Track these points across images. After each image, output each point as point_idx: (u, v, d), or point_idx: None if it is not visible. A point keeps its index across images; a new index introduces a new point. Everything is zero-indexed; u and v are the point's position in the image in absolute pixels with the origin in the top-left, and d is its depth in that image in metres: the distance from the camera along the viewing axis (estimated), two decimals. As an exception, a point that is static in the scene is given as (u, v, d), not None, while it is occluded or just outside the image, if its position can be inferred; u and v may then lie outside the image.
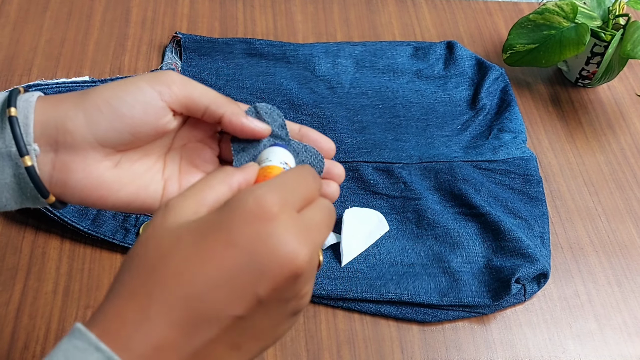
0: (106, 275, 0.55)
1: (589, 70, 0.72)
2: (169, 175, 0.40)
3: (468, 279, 0.56)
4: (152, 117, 0.36)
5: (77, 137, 0.36)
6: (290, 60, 0.72)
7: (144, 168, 0.39)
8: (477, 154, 0.65)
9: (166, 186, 0.39)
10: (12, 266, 0.55)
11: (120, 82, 0.37)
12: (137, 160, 0.39)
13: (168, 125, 0.38)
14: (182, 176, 0.40)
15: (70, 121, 0.36)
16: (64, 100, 0.37)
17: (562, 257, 0.61)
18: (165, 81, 0.37)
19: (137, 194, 0.38)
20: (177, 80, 0.37)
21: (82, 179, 0.36)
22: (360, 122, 0.68)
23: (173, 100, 0.37)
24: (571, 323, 0.56)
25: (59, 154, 0.36)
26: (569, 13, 0.68)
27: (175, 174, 0.40)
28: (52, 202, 0.37)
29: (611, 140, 0.71)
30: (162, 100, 0.36)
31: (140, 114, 0.36)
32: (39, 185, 0.36)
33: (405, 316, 0.55)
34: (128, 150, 0.38)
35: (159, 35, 0.74)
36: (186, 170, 0.40)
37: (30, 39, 0.72)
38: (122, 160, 0.38)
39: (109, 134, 0.36)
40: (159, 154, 0.40)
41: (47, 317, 0.52)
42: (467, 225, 0.60)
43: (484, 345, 0.54)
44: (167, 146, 0.40)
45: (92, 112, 0.36)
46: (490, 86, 0.71)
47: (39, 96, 0.37)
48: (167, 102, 0.37)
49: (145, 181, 0.39)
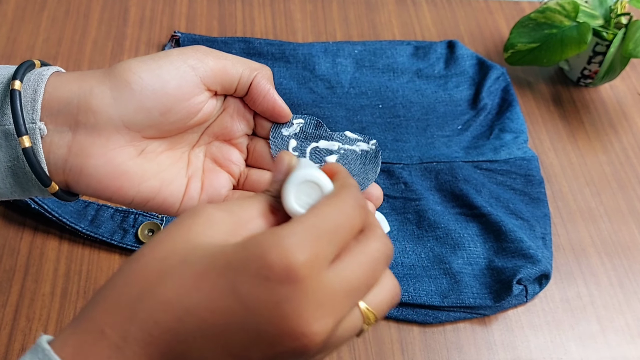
0: (104, 276, 0.55)
1: (591, 69, 0.72)
2: (193, 172, 0.37)
3: (469, 280, 0.56)
4: (186, 94, 0.34)
5: (101, 117, 0.32)
6: (290, 60, 0.71)
7: (169, 161, 0.36)
8: (478, 154, 0.64)
9: (189, 184, 0.36)
10: (10, 267, 0.54)
11: (151, 56, 0.34)
12: (162, 153, 0.36)
13: (201, 106, 0.35)
14: (206, 175, 0.37)
15: (95, 98, 0.32)
16: (88, 75, 0.33)
17: (564, 258, 0.60)
18: (198, 55, 0.34)
19: (159, 189, 0.35)
20: (210, 53, 0.35)
21: (101, 166, 0.33)
22: (360, 122, 0.67)
23: (208, 75, 0.34)
24: (573, 325, 0.56)
25: (77, 135, 0.32)
26: (571, 12, 0.67)
27: (199, 172, 0.37)
28: (55, 191, 0.33)
29: (613, 140, 0.71)
30: (197, 75, 0.34)
31: (174, 90, 0.33)
32: (38, 171, 0.32)
33: (406, 317, 0.54)
34: (154, 138, 0.35)
35: (157, 34, 0.74)
36: (210, 168, 0.38)
37: (28, 38, 0.71)
38: (147, 150, 0.35)
39: (138, 114, 0.33)
40: (184, 150, 0.37)
41: (44, 319, 0.52)
42: (468, 226, 0.60)
43: (485, 346, 0.54)
44: (193, 142, 0.37)
45: (121, 88, 0.32)
46: (491, 86, 0.70)
47: (55, 71, 0.33)
48: (201, 78, 0.34)
49: (170, 176, 0.35)
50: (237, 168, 0.38)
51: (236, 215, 0.27)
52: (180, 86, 0.33)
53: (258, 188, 0.38)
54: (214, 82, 0.35)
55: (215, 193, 0.37)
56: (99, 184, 0.33)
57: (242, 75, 0.35)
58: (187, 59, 0.34)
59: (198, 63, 0.34)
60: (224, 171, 0.38)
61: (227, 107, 0.37)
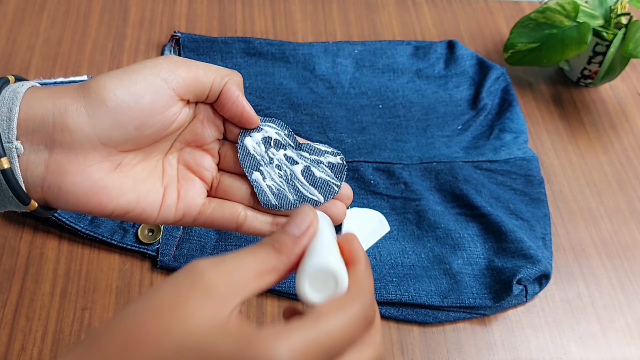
0: (103, 276, 0.55)
1: (591, 69, 0.72)
2: (168, 182, 0.38)
3: (469, 280, 0.56)
4: (160, 107, 0.34)
5: (78, 135, 0.32)
6: (290, 60, 0.71)
7: (145, 173, 0.36)
8: (478, 154, 0.64)
9: (165, 194, 0.37)
10: (10, 267, 0.54)
11: (123, 71, 0.34)
12: (138, 164, 0.36)
13: (175, 117, 0.35)
14: (181, 184, 0.38)
15: (71, 117, 0.32)
16: (62, 92, 0.33)
17: (564, 258, 0.60)
18: (170, 67, 0.34)
19: (137, 201, 0.35)
20: (181, 63, 0.35)
21: (79, 183, 0.33)
22: (360, 122, 0.67)
23: (180, 85, 0.34)
24: (573, 325, 0.56)
25: (53, 154, 0.33)
26: (571, 12, 0.67)
27: (174, 181, 0.38)
28: (34, 209, 0.34)
29: (613, 140, 0.70)
30: (170, 87, 0.34)
31: (148, 104, 0.33)
32: (17, 191, 0.32)
33: (406, 317, 0.54)
34: (130, 150, 0.35)
35: (157, 34, 0.74)
36: (184, 176, 0.38)
37: (27, 38, 0.71)
38: (123, 163, 0.35)
39: (113, 130, 0.33)
40: (158, 158, 0.38)
41: (44, 319, 0.52)
42: (468, 226, 0.59)
43: (485, 347, 0.54)
44: (166, 149, 0.38)
45: (96, 105, 0.32)
46: (491, 86, 0.70)
47: (30, 87, 0.33)
48: (174, 89, 0.34)
49: (147, 188, 0.36)
50: (209, 174, 0.39)
51: (233, 279, 0.27)
52: (154, 100, 0.34)
53: (230, 194, 0.39)
54: (187, 92, 0.35)
55: (192, 202, 0.38)
56: (78, 200, 0.34)
57: (213, 82, 0.36)
58: (160, 71, 0.34)
59: (170, 75, 0.34)
60: (198, 178, 0.38)
61: (197, 114, 0.38)
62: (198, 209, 0.38)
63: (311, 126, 0.66)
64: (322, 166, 0.39)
